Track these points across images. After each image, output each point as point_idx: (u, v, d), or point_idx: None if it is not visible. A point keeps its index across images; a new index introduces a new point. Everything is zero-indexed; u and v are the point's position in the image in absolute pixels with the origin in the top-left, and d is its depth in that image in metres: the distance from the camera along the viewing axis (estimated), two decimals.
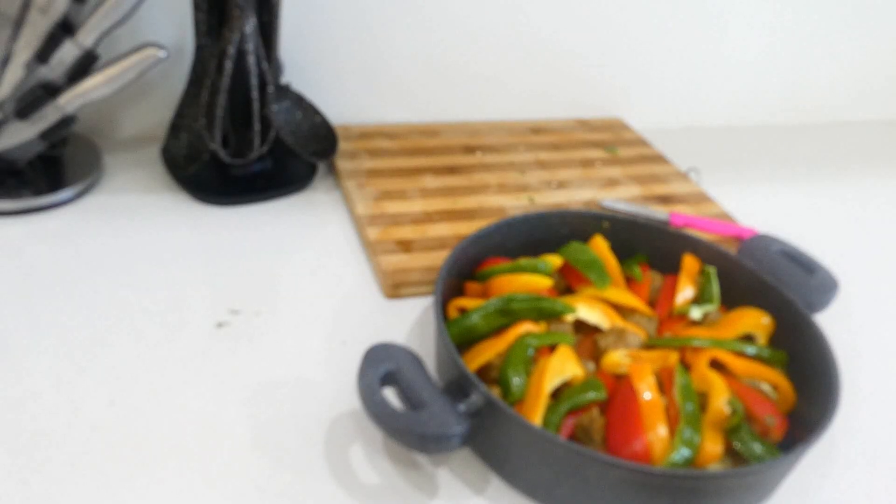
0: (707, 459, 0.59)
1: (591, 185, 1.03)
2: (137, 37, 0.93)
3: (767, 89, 1.31)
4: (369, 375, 0.59)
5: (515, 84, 1.16)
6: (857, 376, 0.75)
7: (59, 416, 0.62)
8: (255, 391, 0.67)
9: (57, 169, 0.90)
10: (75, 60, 0.82)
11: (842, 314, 0.81)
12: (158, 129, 1.00)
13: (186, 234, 0.86)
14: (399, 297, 0.80)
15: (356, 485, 0.60)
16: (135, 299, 0.75)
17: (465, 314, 0.69)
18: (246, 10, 0.81)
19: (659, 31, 1.18)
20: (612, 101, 1.23)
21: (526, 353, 0.65)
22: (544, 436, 0.57)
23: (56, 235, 0.83)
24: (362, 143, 1.05)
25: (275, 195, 0.94)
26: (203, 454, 0.61)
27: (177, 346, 0.71)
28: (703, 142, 1.26)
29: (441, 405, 0.58)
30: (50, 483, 0.57)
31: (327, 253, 0.86)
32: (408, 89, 1.11)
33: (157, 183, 0.94)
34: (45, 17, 0.78)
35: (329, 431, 0.64)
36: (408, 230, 0.88)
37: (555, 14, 1.11)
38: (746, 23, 1.22)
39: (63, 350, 0.69)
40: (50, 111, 0.83)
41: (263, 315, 0.76)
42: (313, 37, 1.03)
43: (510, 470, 0.61)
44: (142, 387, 0.66)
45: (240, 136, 0.92)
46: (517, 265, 0.74)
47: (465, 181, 1.00)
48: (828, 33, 1.28)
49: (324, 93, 1.04)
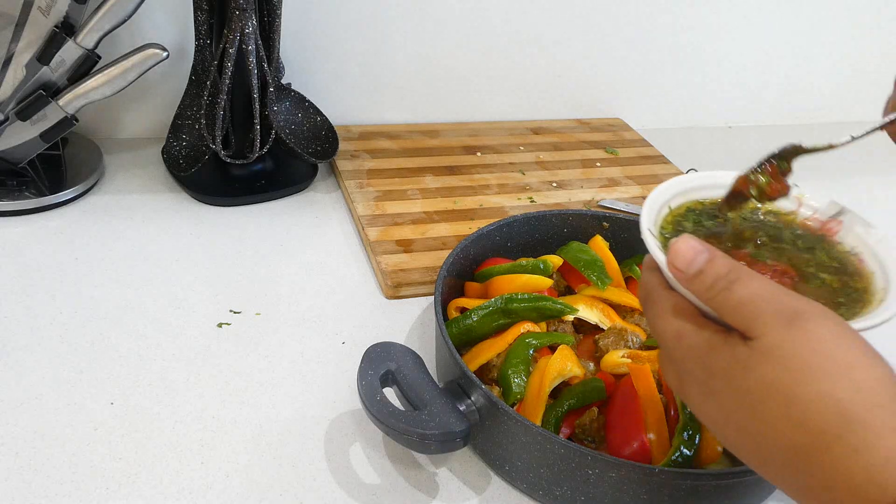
0: (707, 459, 0.59)
1: (591, 185, 1.03)
2: (138, 37, 0.93)
3: (767, 89, 1.31)
4: (369, 375, 0.59)
5: (515, 84, 1.16)
6: None
7: (60, 417, 0.62)
8: (255, 391, 0.67)
9: (58, 169, 0.90)
10: (76, 61, 0.82)
11: None
12: (159, 130, 1.00)
13: (187, 234, 0.86)
14: (399, 297, 0.80)
15: (356, 485, 0.60)
16: (135, 299, 0.75)
17: (465, 314, 0.69)
18: (246, 11, 0.81)
19: (659, 31, 1.18)
20: (612, 101, 1.23)
21: (526, 353, 0.65)
22: (544, 436, 0.57)
23: (57, 235, 0.83)
24: (363, 144, 1.05)
25: (275, 195, 0.94)
26: (203, 454, 0.61)
27: (177, 346, 0.71)
28: (703, 142, 1.26)
29: (441, 405, 0.58)
30: (50, 483, 0.57)
31: (327, 253, 0.86)
32: (408, 89, 1.11)
33: (158, 183, 0.94)
34: (46, 18, 0.78)
35: (329, 431, 0.64)
36: (408, 230, 0.88)
37: (555, 14, 1.11)
38: (746, 23, 1.22)
39: (63, 350, 0.69)
40: (51, 112, 0.83)
41: (264, 315, 0.76)
42: (314, 37, 1.03)
43: (510, 470, 0.61)
44: (142, 387, 0.66)
45: (240, 137, 0.92)
46: (517, 265, 0.74)
47: (465, 181, 1.00)
48: (828, 33, 1.28)
49: (324, 93, 1.04)
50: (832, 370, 0.37)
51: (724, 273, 0.40)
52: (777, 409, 0.38)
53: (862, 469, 0.36)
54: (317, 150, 0.98)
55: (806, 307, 0.39)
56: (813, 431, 0.37)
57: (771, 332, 0.38)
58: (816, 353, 0.37)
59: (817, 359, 0.37)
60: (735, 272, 0.40)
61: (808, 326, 0.38)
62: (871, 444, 0.36)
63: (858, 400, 0.36)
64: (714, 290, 0.40)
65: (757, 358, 0.38)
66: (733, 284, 0.40)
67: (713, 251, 0.41)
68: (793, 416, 0.37)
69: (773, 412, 0.38)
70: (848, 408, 0.36)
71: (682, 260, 0.41)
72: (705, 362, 0.41)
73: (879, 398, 0.36)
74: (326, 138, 0.99)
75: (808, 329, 0.38)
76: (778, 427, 0.38)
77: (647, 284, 0.45)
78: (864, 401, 0.36)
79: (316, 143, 0.99)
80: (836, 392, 0.37)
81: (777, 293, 0.39)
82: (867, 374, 0.37)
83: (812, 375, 0.37)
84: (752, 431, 0.39)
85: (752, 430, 0.39)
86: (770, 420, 0.38)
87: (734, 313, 0.40)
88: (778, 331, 0.38)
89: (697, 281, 0.41)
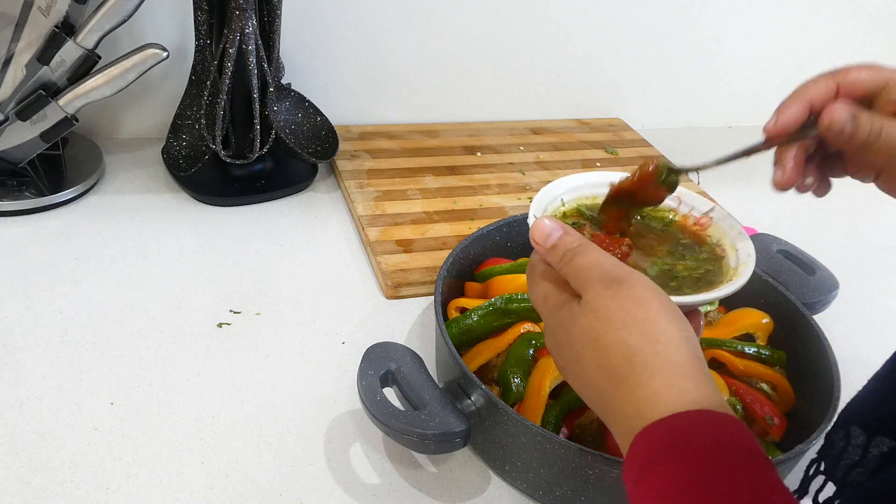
0: None
1: None
2: (138, 37, 0.93)
3: (768, 89, 1.31)
4: (369, 375, 0.59)
5: (515, 84, 1.16)
6: (857, 376, 0.75)
7: (60, 417, 0.62)
8: (255, 391, 0.67)
9: (58, 169, 0.90)
10: (76, 61, 0.82)
11: (842, 314, 0.81)
12: (159, 130, 1.00)
13: (187, 234, 0.86)
14: (399, 297, 0.80)
15: (356, 485, 0.60)
16: (135, 299, 0.75)
17: (465, 314, 0.69)
18: (246, 11, 0.81)
19: (659, 31, 1.18)
20: (612, 101, 1.23)
21: (526, 353, 0.65)
22: (544, 436, 0.57)
23: (57, 235, 0.83)
24: (363, 144, 1.05)
25: (275, 195, 0.94)
26: (203, 454, 0.61)
27: (177, 346, 0.71)
28: (703, 142, 1.26)
29: (441, 405, 0.58)
30: (50, 483, 0.57)
31: (327, 253, 0.86)
32: (408, 90, 1.12)
33: (158, 183, 0.94)
34: (46, 18, 0.78)
35: (329, 431, 0.64)
36: (408, 230, 0.88)
37: (555, 15, 1.11)
38: (746, 23, 1.22)
39: (63, 350, 0.69)
40: (51, 112, 0.83)
41: (264, 315, 0.76)
42: (314, 37, 1.03)
43: (510, 470, 0.61)
44: (142, 387, 0.66)
45: (240, 137, 0.92)
46: (517, 265, 0.74)
47: (465, 181, 1.00)
48: (828, 33, 1.28)
49: (324, 93, 1.04)
50: (629, 321, 0.43)
51: (573, 246, 0.47)
52: (589, 352, 0.45)
53: (633, 403, 0.42)
54: (317, 150, 0.98)
55: (627, 275, 0.45)
56: (610, 373, 0.43)
57: (593, 290, 0.45)
58: (622, 308, 0.44)
59: (621, 313, 0.44)
60: (582, 246, 0.47)
61: (623, 289, 0.45)
62: (643, 383, 0.42)
63: (644, 347, 0.43)
64: (564, 260, 0.47)
65: (581, 311, 0.45)
66: (577, 255, 0.47)
67: (567, 228, 0.49)
68: (598, 359, 0.44)
69: (587, 356, 0.45)
70: (635, 353, 0.43)
71: (540, 234, 0.49)
72: (556, 317, 0.48)
73: (661, 347, 0.42)
74: (326, 138, 0.99)
75: (621, 291, 0.45)
76: (590, 369, 0.45)
77: (532, 260, 0.52)
78: (648, 348, 0.42)
79: (316, 143, 0.99)
80: (629, 339, 0.43)
81: (606, 263, 0.46)
82: (659, 327, 0.43)
83: (613, 325, 0.44)
84: (579, 375, 0.46)
85: (578, 374, 0.46)
86: (585, 363, 0.45)
87: (574, 277, 0.47)
88: (599, 290, 0.45)
89: (553, 252, 0.48)
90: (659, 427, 0.40)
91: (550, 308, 0.48)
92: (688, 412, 0.40)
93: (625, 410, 0.42)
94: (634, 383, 0.42)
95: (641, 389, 0.42)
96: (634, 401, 0.42)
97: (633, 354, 0.42)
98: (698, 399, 0.40)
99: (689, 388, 0.41)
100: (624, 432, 0.42)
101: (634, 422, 0.41)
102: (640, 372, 0.42)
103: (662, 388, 0.41)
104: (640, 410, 0.41)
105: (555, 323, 0.48)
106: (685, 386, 0.41)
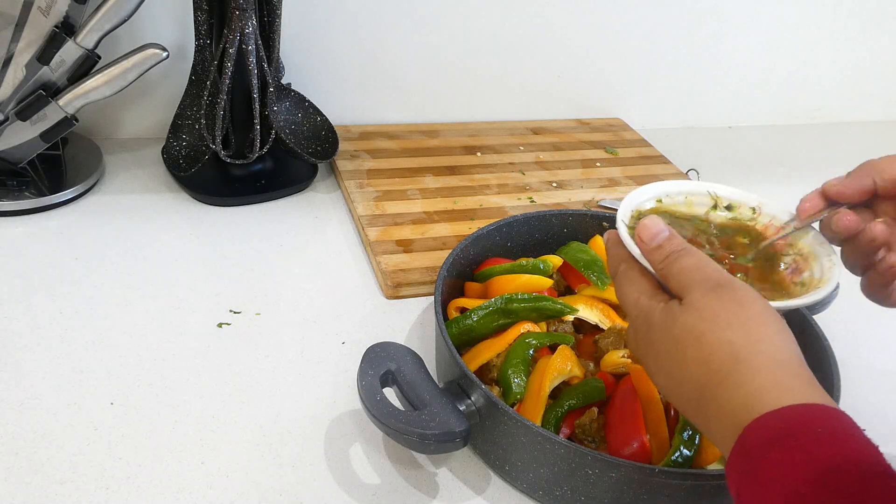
0: (707, 459, 0.59)
1: (590, 185, 1.03)
2: (138, 37, 0.93)
3: (767, 89, 1.31)
4: (369, 375, 0.59)
5: (515, 84, 1.16)
6: (857, 376, 0.76)
7: (60, 417, 0.62)
8: (255, 391, 0.67)
9: (58, 169, 0.90)
10: (76, 61, 0.82)
11: (842, 314, 0.81)
12: (159, 130, 1.00)
13: (187, 234, 0.86)
14: (399, 297, 0.80)
15: (356, 485, 0.60)
16: (135, 299, 0.75)
17: (465, 314, 0.69)
18: (246, 11, 0.81)
19: (659, 31, 1.18)
20: (612, 101, 1.23)
21: (526, 353, 0.65)
22: (544, 436, 0.57)
23: (57, 235, 0.83)
24: (363, 144, 1.05)
25: (275, 195, 0.94)
26: (203, 454, 0.61)
27: (177, 346, 0.71)
28: (703, 142, 1.26)
29: (441, 405, 0.58)
30: (50, 483, 0.57)
31: (327, 253, 0.86)
32: (408, 89, 1.11)
33: (158, 183, 0.94)
34: (46, 18, 0.78)
35: (329, 431, 0.64)
36: (408, 230, 0.88)
37: (555, 15, 1.11)
38: (746, 23, 1.22)
39: (63, 350, 0.69)
40: (51, 112, 0.83)
41: (264, 315, 0.76)
42: (314, 37, 1.03)
43: (510, 470, 0.61)
44: (142, 387, 0.66)
45: (240, 137, 0.92)
46: (517, 265, 0.74)
47: (465, 181, 1.00)
48: (828, 33, 1.28)
49: (324, 93, 1.04)
50: (734, 322, 0.45)
51: (677, 249, 0.49)
52: (690, 350, 0.45)
53: (739, 398, 0.43)
54: (317, 150, 0.98)
55: (729, 280, 0.47)
56: (713, 369, 0.44)
57: (696, 292, 0.47)
58: (725, 309, 0.45)
59: (725, 314, 0.45)
60: (686, 249, 0.49)
61: (726, 292, 0.46)
62: (749, 379, 0.43)
63: (748, 345, 0.44)
64: (669, 260, 0.49)
65: (683, 309, 0.47)
66: (681, 257, 0.48)
67: (673, 231, 0.50)
68: (702, 356, 0.45)
69: (688, 353, 0.45)
70: (739, 351, 0.44)
71: (647, 233, 0.50)
72: (650, 318, 0.49)
73: (765, 346, 0.44)
74: (326, 138, 0.99)
75: (725, 293, 0.46)
76: (690, 367, 0.45)
77: (616, 257, 0.53)
78: (752, 347, 0.44)
79: (316, 143, 0.99)
80: (733, 338, 0.44)
81: (709, 267, 0.48)
82: (762, 328, 0.45)
83: (718, 324, 0.45)
84: (674, 374, 0.47)
85: (674, 373, 0.47)
86: (685, 361, 0.46)
87: (675, 279, 0.48)
88: (703, 291, 0.47)
89: (658, 251, 0.49)
90: (771, 417, 0.41)
91: (644, 308, 0.49)
92: (800, 405, 0.41)
93: (730, 406, 0.43)
94: (740, 380, 0.43)
95: (748, 385, 0.42)
96: (741, 396, 0.42)
97: (738, 352, 0.44)
98: (806, 395, 0.41)
99: (796, 385, 0.42)
100: (728, 428, 0.42)
101: (741, 416, 0.42)
102: (745, 369, 0.43)
103: (769, 383, 0.42)
104: (748, 404, 0.42)
105: (647, 325, 0.49)
106: (792, 383, 0.42)
